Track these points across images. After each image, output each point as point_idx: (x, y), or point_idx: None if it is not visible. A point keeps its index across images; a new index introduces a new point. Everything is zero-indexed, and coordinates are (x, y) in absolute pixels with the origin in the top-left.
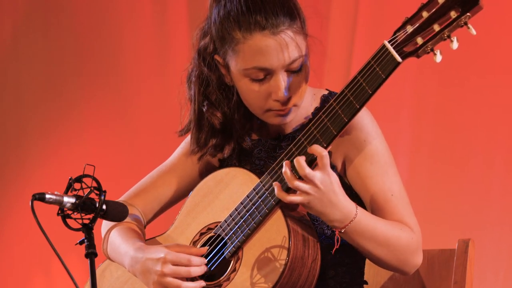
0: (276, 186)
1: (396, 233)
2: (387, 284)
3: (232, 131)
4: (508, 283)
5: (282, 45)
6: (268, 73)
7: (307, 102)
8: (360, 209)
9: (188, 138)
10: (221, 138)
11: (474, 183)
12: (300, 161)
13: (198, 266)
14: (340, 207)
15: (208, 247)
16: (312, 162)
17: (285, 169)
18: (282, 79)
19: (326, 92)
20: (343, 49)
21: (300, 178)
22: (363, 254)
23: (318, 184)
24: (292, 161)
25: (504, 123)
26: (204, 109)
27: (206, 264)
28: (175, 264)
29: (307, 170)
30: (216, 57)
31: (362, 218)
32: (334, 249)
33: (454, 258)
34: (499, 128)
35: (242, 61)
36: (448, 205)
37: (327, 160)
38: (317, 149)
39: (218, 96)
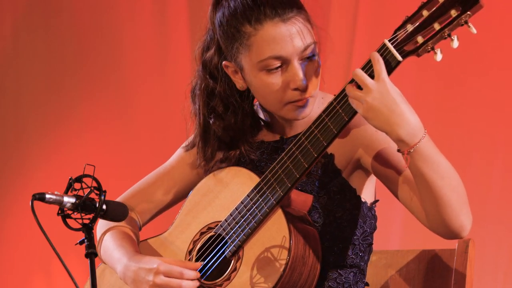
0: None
1: (454, 170)
2: (387, 284)
3: (239, 143)
4: (508, 283)
5: (294, 32)
6: (283, 63)
7: (315, 105)
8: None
9: (186, 141)
10: (228, 150)
11: (474, 183)
12: (356, 70)
13: (191, 280)
14: (407, 118)
15: (202, 262)
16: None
17: (348, 84)
18: (299, 67)
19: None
20: (343, 49)
21: None
22: (424, 190)
23: (372, 89)
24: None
25: (504, 123)
26: (211, 121)
27: (207, 264)
28: (167, 276)
29: (362, 77)
30: (225, 63)
31: (430, 142)
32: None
33: (454, 258)
34: (499, 128)
35: (256, 53)
36: None
37: (380, 67)
38: (373, 55)
39: (224, 108)
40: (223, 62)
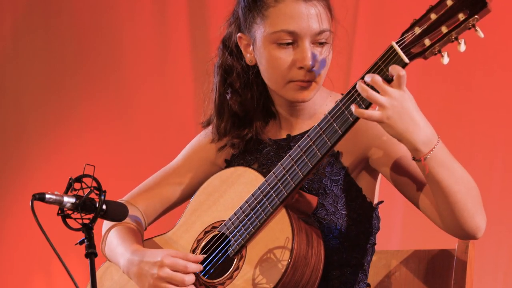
0: (353, 106)
1: (467, 173)
2: (387, 284)
3: (253, 120)
4: (508, 283)
5: (312, 13)
6: (295, 40)
7: (322, 102)
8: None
9: (193, 141)
10: (241, 128)
11: None
12: (375, 77)
13: (194, 274)
14: (422, 127)
15: (204, 255)
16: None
17: (359, 83)
18: (309, 48)
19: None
20: (343, 48)
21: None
22: (439, 195)
23: (394, 96)
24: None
25: (504, 123)
26: (228, 97)
27: (210, 262)
28: (172, 269)
29: (382, 84)
30: (240, 35)
31: (444, 148)
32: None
33: (454, 258)
34: (500, 128)
35: (271, 24)
36: None
37: (404, 80)
38: (395, 68)
39: (241, 84)
40: (238, 34)
